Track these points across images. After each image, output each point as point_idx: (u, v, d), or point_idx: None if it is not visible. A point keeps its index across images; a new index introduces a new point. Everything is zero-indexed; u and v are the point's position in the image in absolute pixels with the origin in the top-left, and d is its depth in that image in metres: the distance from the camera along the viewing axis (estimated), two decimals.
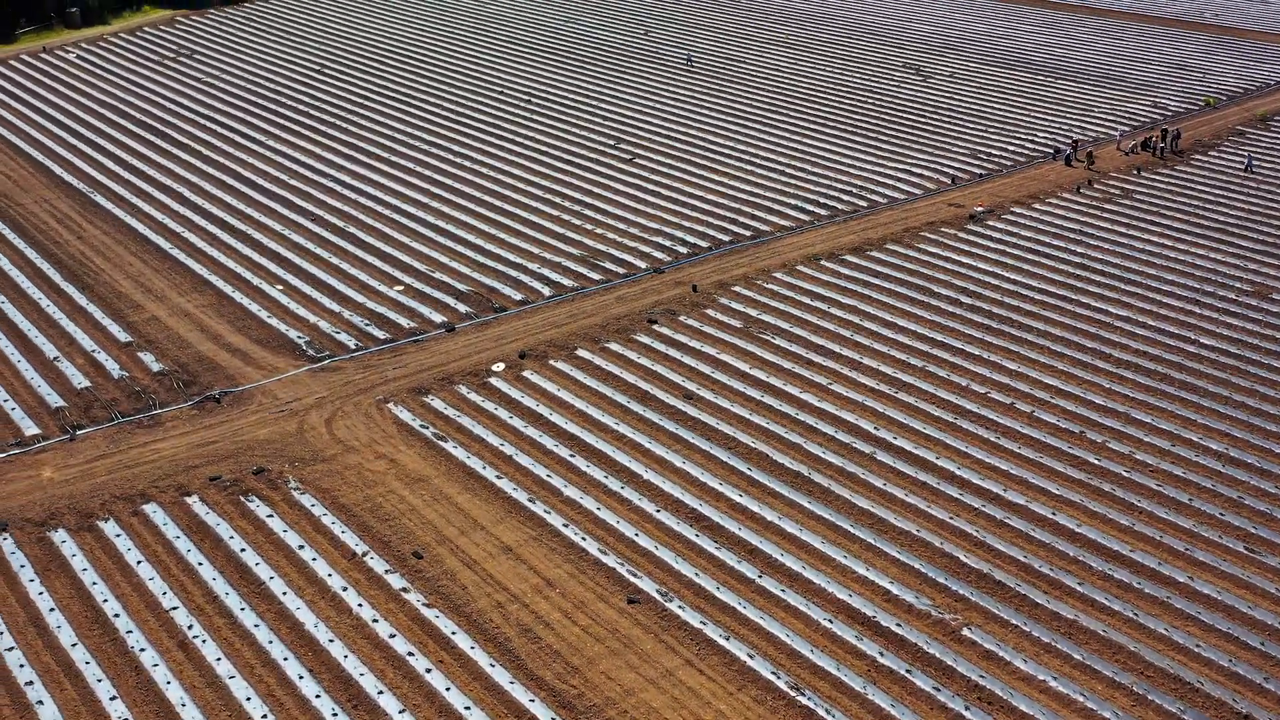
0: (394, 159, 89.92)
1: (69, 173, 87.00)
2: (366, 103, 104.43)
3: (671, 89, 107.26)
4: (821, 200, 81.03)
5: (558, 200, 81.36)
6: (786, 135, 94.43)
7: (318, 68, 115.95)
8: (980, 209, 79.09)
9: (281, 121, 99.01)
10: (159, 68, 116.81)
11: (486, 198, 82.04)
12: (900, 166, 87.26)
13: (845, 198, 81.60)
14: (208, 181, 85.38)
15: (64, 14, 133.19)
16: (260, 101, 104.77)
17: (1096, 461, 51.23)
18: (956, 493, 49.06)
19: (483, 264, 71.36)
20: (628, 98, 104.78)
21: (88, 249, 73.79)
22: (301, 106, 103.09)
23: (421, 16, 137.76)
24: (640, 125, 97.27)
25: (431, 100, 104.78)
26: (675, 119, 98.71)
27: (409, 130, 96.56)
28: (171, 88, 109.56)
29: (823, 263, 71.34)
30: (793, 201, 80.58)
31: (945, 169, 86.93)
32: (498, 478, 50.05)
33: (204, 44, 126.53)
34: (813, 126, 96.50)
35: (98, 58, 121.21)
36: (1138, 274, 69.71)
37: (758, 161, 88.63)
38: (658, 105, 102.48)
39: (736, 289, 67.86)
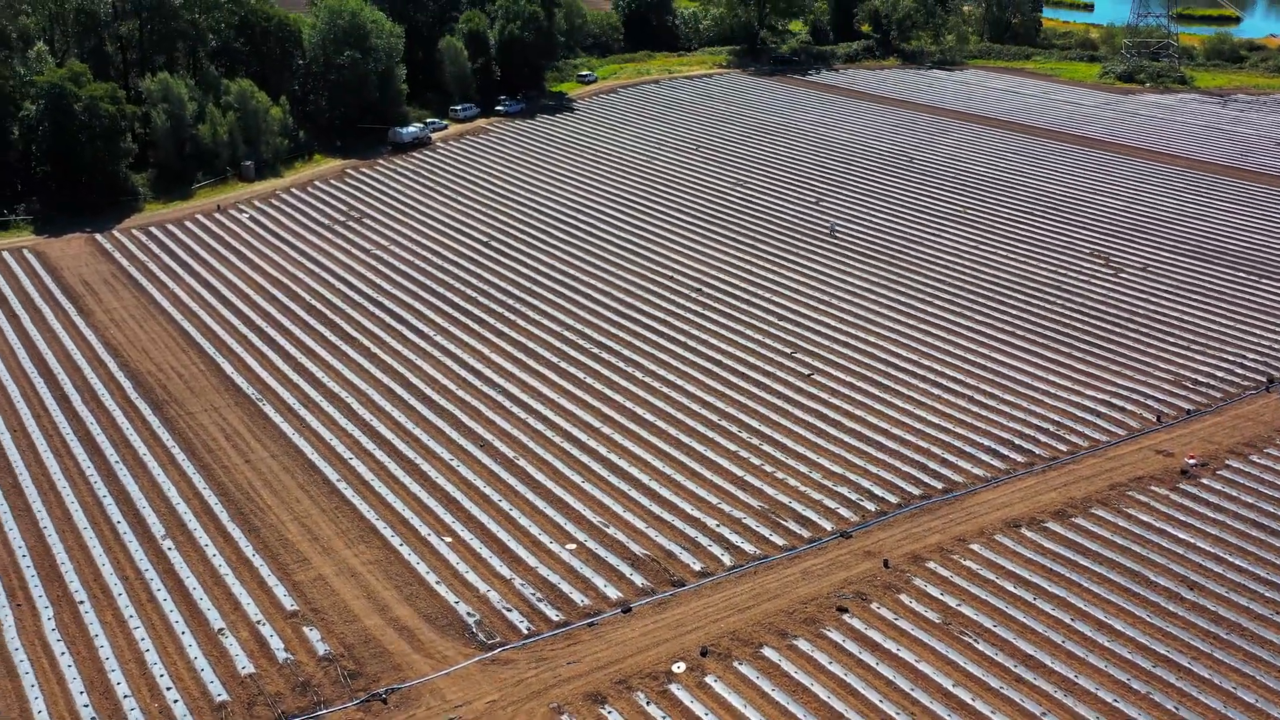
0: (560, 363, 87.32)
1: (239, 372, 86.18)
2: (533, 284, 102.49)
3: (845, 276, 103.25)
4: (1016, 442, 75.82)
5: (734, 429, 77.60)
6: (972, 346, 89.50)
7: (485, 239, 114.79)
8: (1192, 461, 73.07)
9: (448, 310, 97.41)
10: (328, 234, 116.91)
11: (658, 421, 78.70)
12: (1099, 397, 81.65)
13: (1041, 438, 76.27)
14: (375, 389, 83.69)
15: (239, 167, 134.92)
16: (426, 283, 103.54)
17: None
18: None
19: (658, 516, 67.72)
20: (800, 285, 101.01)
21: (255, 477, 72.18)
22: (469, 291, 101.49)
23: (586, 169, 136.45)
24: (813, 325, 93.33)
25: (597, 280, 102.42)
26: (850, 317, 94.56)
27: (575, 324, 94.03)
28: (340, 261, 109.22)
29: (1024, 531, 66.12)
30: (986, 442, 75.64)
31: (1148, 400, 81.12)
32: None
33: (371, 200, 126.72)
34: (999, 335, 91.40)
35: (269, 219, 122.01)
36: None
37: (943, 383, 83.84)
38: (831, 297, 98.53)
39: (931, 565, 63.02)
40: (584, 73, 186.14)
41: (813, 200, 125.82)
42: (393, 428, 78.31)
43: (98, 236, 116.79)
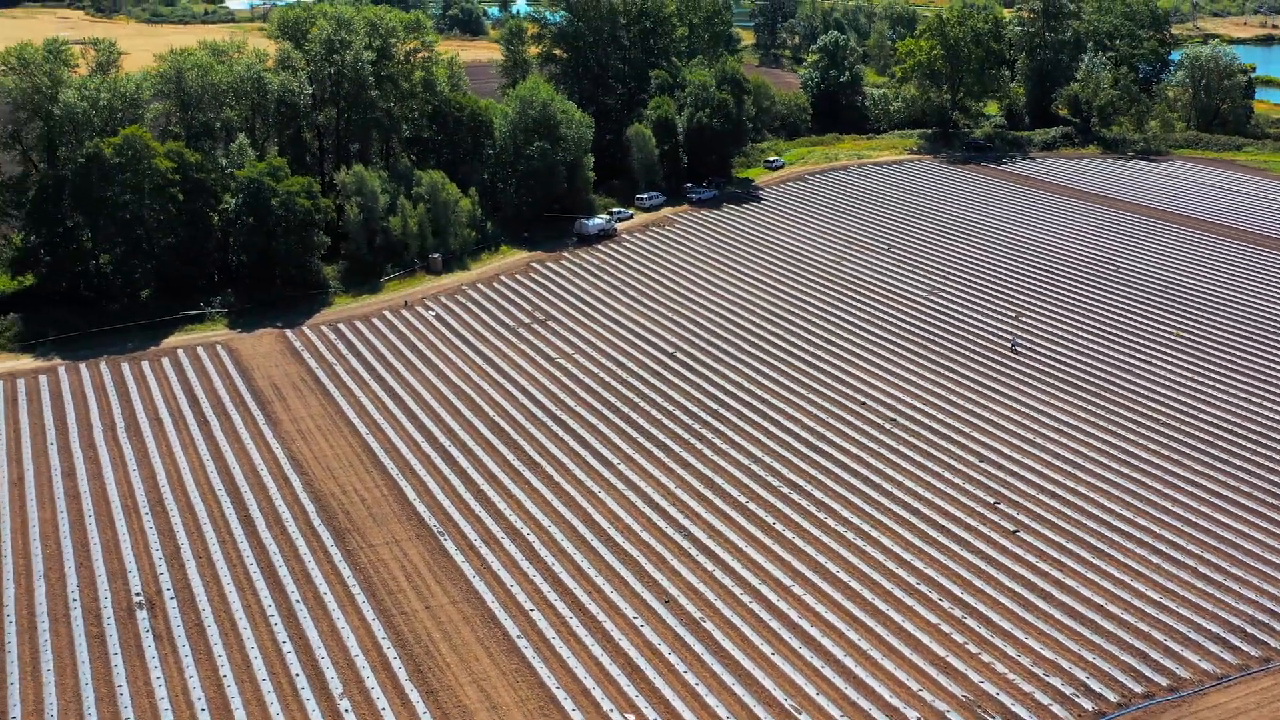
0: (747, 503, 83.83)
1: (421, 498, 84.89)
2: (718, 406, 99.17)
3: (1049, 409, 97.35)
4: (1247, 629, 69.42)
5: (933, 595, 72.91)
6: (1192, 504, 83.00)
7: (670, 350, 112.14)
8: None
9: (631, 433, 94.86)
10: (512, 338, 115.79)
11: (852, 581, 74.46)
12: None
13: (1277, 626, 69.64)
14: (557, 524, 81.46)
15: (426, 259, 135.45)
16: (609, 398, 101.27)
17: None
18: None
19: (853, 702, 63.48)
20: (1000, 418, 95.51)
21: (434, 627, 70.30)
22: (652, 411, 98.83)
23: (773, 269, 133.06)
24: (1016, 468, 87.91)
25: (785, 404, 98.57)
26: (1056, 460, 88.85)
27: (763, 455, 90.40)
28: (523, 369, 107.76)
29: None
30: (1213, 628, 69.39)
31: None
32: None
33: (555, 299, 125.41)
34: (1223, 492, 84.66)
35: (454, 317, 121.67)
36: None
37: (1161, 548, 77.72)
38: (1034, 434, 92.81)
39: None
40: (771, 158, 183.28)
41: (1012, 315, 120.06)
42: (574, 574, 75.72)
43: (288, 333, 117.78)
